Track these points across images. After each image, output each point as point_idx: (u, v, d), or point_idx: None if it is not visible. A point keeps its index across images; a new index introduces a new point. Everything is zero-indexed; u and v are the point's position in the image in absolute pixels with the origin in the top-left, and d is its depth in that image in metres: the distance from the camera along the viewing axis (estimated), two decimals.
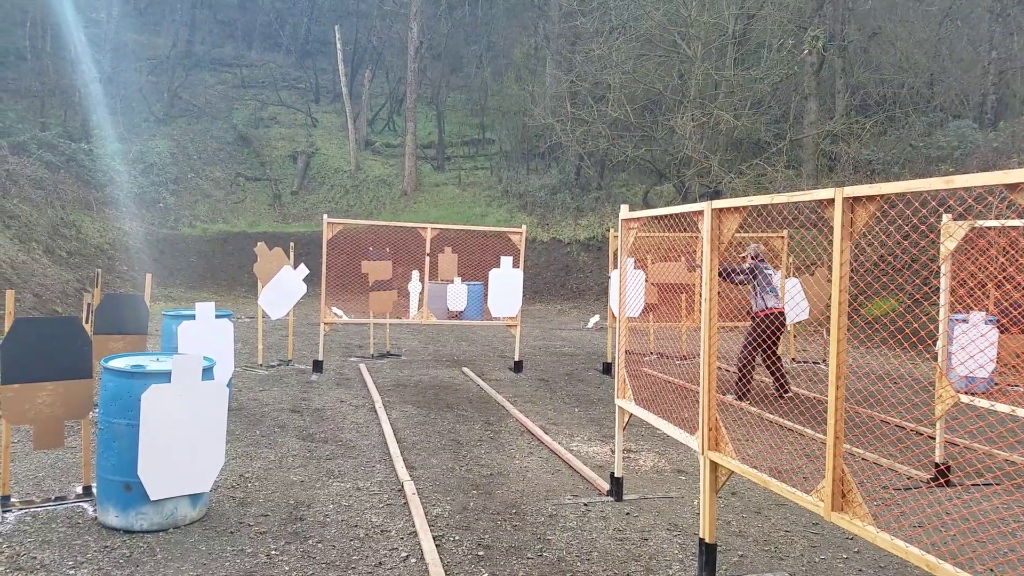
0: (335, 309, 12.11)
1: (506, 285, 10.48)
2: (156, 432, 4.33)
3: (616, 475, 5.24)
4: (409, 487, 5.18)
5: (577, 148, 23.08)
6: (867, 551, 4.45)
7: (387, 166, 29.40)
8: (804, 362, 11.58)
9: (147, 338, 6.52)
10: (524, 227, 10.85)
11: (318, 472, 5.64)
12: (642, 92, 21.69)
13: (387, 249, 11.70)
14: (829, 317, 3.02)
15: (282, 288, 10.05)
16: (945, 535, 4.45)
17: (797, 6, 20.25)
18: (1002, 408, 5.92)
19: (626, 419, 5.21)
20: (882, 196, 2.80)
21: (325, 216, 10.13)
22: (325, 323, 10.01)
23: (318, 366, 9.93)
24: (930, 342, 6.15)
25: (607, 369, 10.70)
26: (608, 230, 15.54)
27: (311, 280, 10.78)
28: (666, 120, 20.42)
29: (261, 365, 10.19)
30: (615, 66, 20.91)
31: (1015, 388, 9.07)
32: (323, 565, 4.00)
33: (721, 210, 3.87)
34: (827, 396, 3.12)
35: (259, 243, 10.56)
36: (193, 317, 6.78)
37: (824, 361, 11.61)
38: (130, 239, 20.30)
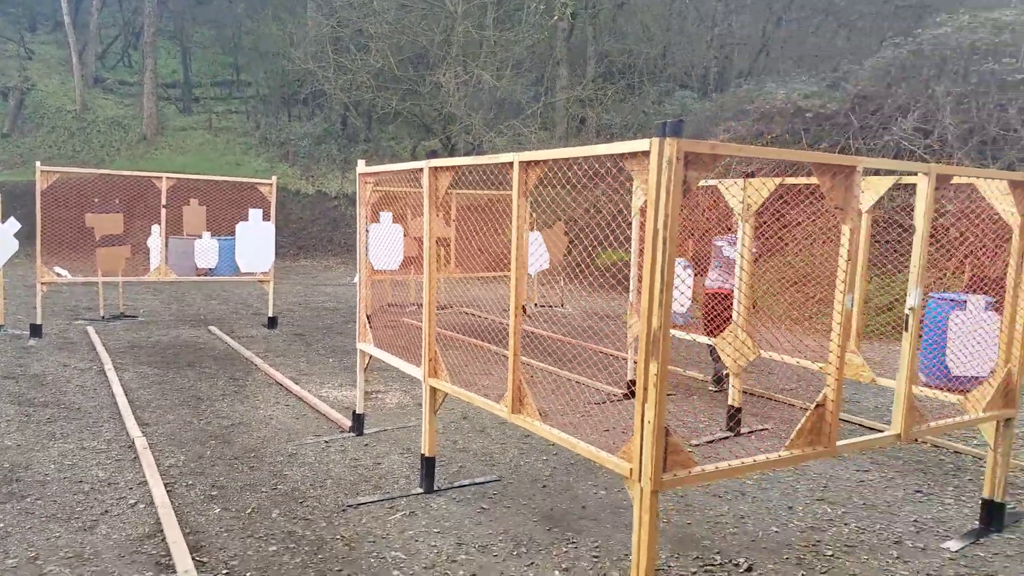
0: (57, 268, 10.98)
1: (256, 239, 10.24)
2: None
3: (358, 412, 5.58)
4: (140, 442, 5.11)
5: (341, 97, 22.59)
6: (563, 453, 5.25)
7: (122, 107, 26.48)
8: (544, 306, 12.71)
9: None
10: (275, 178, 10.63)
11: (37, 435, 5.33)
12: (408, 45, 21.72)
13: (117, 200, 10.79)
14: (567, 265, 3.55)
15: None
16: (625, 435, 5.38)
17: None
18: (682, 336, 7.15)
19: (367, 361, 5.55)
20: (546, 161, 3.35)
21: (38, 164, 9.14)
22: (43, 283, 9.13)
23: (36, 330, 9.05)
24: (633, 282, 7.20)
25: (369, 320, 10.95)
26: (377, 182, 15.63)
27: (26, 236, 9.69)
28: (431, 76, 20.71)
29: None
30: (377, 15, 20.69)
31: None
32: (43, 519, 3.91)
33: (437, 168, 4.28)
34: (563, 335, 3.68)
35: None
36: None
37: (564, 304, 12.86)
38: None
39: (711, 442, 5.62)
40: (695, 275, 10.20)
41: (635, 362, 7.21)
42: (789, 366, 6.37)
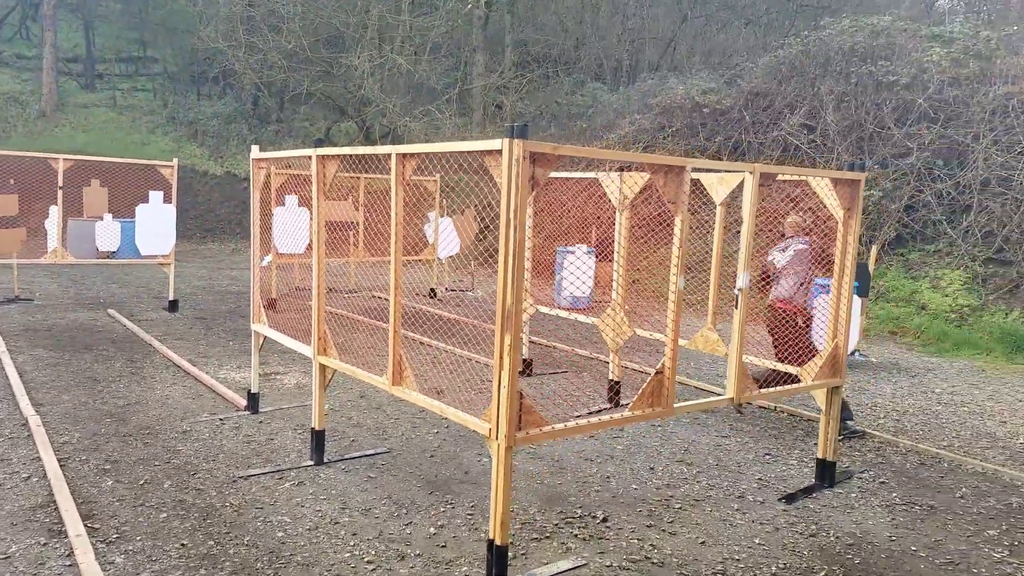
0: None
1: (157, 222, 10.17)
2: None
3: (253, 391, 5.81)
4: (34, 420, 5.22)
5: (252, 77, 22.17)
6: (453, 427, 5.64)
7: (19, 81, 25.17)
8: (455, 290, 13.06)
9: None
10: (176, 160, 10.56)
11: None
12: (322, 26, 21.50)
13: (11, 181, 10.49)
14: (477, 251, 3.86)
15: None
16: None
17: None
18: (583, 319, 7.63)
19: (261, 341, 5.78)
20: (419, 154, 3.69)
21: None
22: None
23: None
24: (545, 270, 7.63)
25: (272, 304, 11.05)
26: (288, 167, 15.55)
27: None
28: (344, 58, 20.60)
29: None
30: None
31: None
32: None
33: (324, 157, 4.55)
34: (470, 319, 4.02)
35: None
36: None
37: (473, 288, 13.24)
38: None
39: (592, 413, 6.12)
40: (597, 260, 10.73)
41: (530, 342, 7.68)
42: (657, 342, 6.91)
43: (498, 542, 3.38)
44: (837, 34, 14.40)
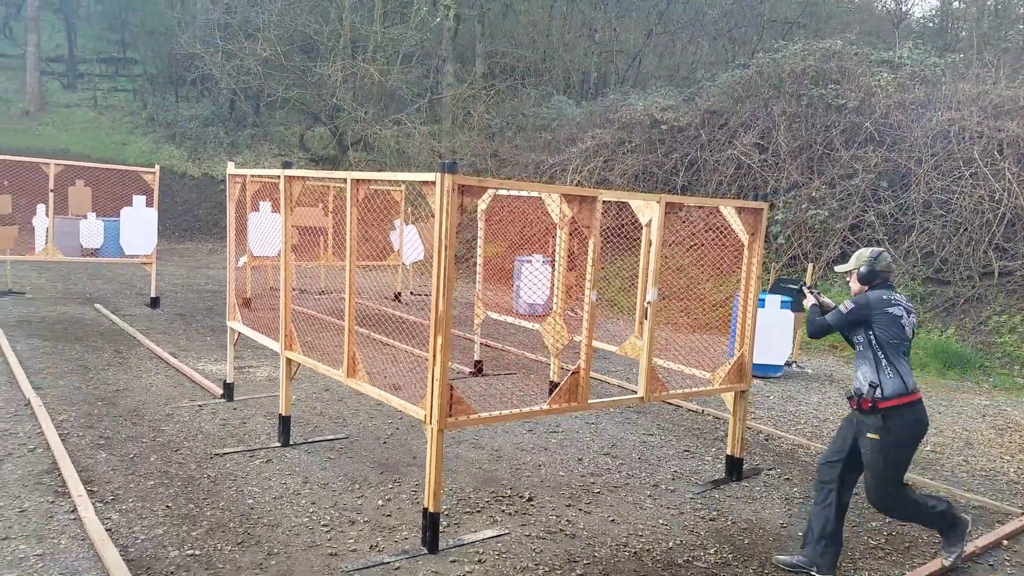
0: None
1: (140, 223, 10.83)
2: None
3: (228, 381, 6.53)
4: (36, 401, 5.91)
5: (229, 82, 22.76)
6: (406, 418, 6.38)
7: (3, 80, 25.56)
8: (419, 295, 13.76)
9: None
10: (157, 167, 11.21)
11: None
12: (296, 35, 22.14)
13: (5, 183, 11.10)
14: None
15: None
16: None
17: None
18: (528, 325, 8.42)
19: (236, 336, 6.50)
20: (369, 180, 4.45)
21: None
22: None
23: None
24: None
25: (247, 303, 11.71)
26: (264, 169, 16.16)
27: None
28: (318, 67, 21.26)
29: None
30: (265, 3, 21.04)
31: (572, 312, 12.21)
32: None
33: (291, 178, 5.30)
34: (423, 320, 4.76)
35: None
36: None
37: None
38: None
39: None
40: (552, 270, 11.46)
41: (481, 344, 8.44)
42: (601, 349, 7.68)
43: (431, 510, 4.13)
44: (789, 56, 15.23)
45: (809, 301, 4.59)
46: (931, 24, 26.56)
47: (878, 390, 4.02)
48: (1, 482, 4.56)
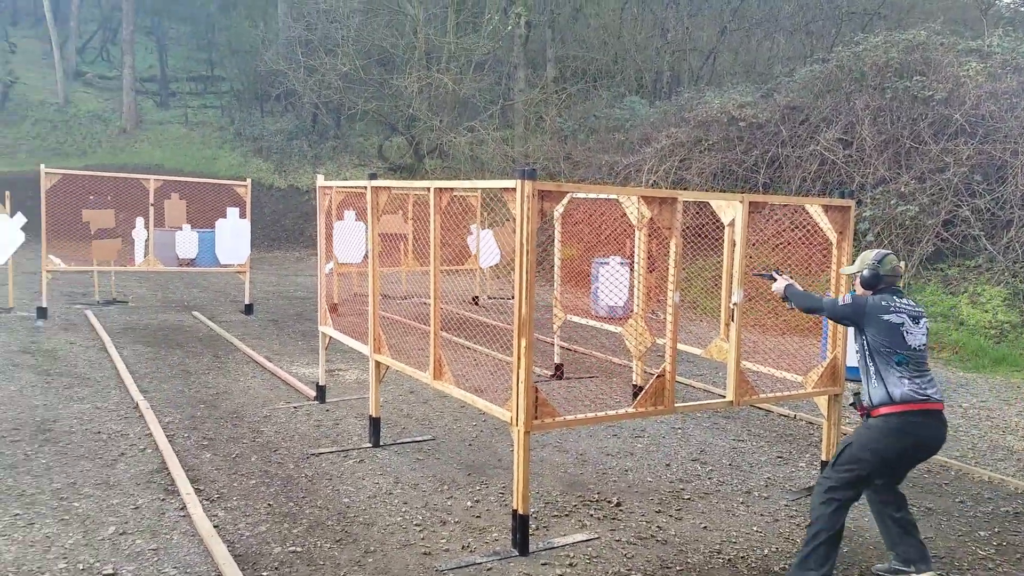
0: (52, 257, 11.99)
1: (234, 234, 11.36)
2: None
3: (320, 384, 6.78)
4: (143, 404, 6.29)
5: (311, 96, 23.55)
6: (490, 420, 6.48)
7: (102, 100, 27.26)
8: (496, 298, 13.89)
9: None
10: (249, 180, 11.73)
11: (58, 398, 6.50)
12: (374, 49, 22.74)
13: (108, 198, 11.83)
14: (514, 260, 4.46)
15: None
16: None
17: None
18: (610, 328, 8.40)
19: (327, 341, 6.75)
20: (453, 189, 4.56)
21: (42, 167, 10.18)
22: (48, 271, 10.19)
23: (42, 312, 10.11)
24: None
25: (334, 308, 12.09)
26: (345, 180, 16.62)
27: (28, 228, 10.71)
28: (394, 79, 21.77)
29: None
30: (343, 19, 21.69)
31: (653, 315, 12.10)
32: (75, 457, 5.10)
33: (377, 188, 5.47)
34: (510, 325, 4.80)
35: None
36: None
37: (513, 297, 14.05)
38: None
39: None
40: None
41: (560, 347, 8.47)
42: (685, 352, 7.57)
43: (521, 512, 4.18)
44: (871, 49, 14.70)
45: (780, 284, 4.54)
46: (1022, 9, 25.06)
47: (866, 399, 3.99)
48: (116, 480, 4.88)
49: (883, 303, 3.95)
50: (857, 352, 4.08)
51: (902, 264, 4.16)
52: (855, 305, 4.01)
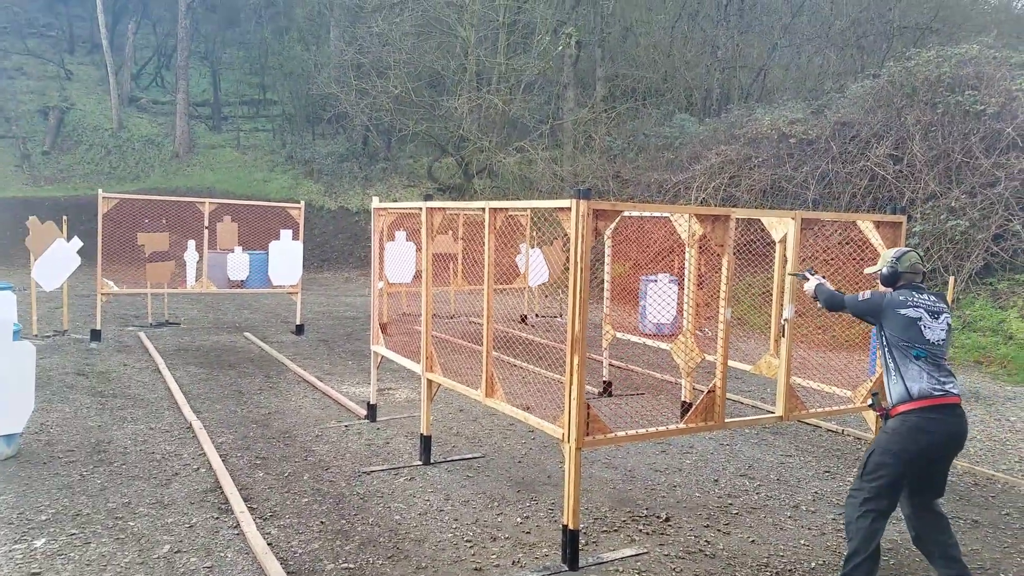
0: (106, 280, 12.37)
1: (286, 256, 11.58)
2: None
3: (371, 403, 6.84)
4: (197, 424, 6.42)
5: (363, 119, 23.98)
6: (539, 437, 6.45)
7: (155, 125, 28.15)
8: (545, 317, 13.89)
9: None
10: (302, 203, 11.97)
11: (113, 419, 6.66)
12: (424, 71, 23.11)
13: (163, 220, 12.19)
14: (565, 279, 4.54)
15: (56, 260, 10.37)
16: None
17: (558, 1, 22.71)
18: (654, 344, 8.32)
19: (379, 360, 6.81)
20: (506, 209, 4.58)
21: (100, 191, 10.55)
22: (102, 293, 10.52)
23: (96, 335, 10.41)
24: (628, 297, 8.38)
25: (384, 328, 12.22)
26: (395, 201, 16.82)
27: (82, 251, 11.06)
28: (445, 101, 22.07)
29: (36, 336, 10.46)
30: (396, 43, 22.12)
31: (701, 331, 11.95)
32: (129, 478, 5.21)
33: (432, 209, 5.53)
34: (558, 343, 4.89)
35: (31, 218, 10.67)
36: None
37: (561, 315, 14.04)
38: None
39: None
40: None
41: (609, 364, 8.40)
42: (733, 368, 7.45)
43: (571, 527, 4.15)
44: (923, 64, 14.45)
45: (812, 283, 4.57)
46: None
47: (887, 397, 4.02)
48: (171, 499, 4.98)
49: (900, 298, 4.00)
50: (878, 349, 4.12)
51: (921, 262, 4.23)
52: (873, 301, 4.08)
